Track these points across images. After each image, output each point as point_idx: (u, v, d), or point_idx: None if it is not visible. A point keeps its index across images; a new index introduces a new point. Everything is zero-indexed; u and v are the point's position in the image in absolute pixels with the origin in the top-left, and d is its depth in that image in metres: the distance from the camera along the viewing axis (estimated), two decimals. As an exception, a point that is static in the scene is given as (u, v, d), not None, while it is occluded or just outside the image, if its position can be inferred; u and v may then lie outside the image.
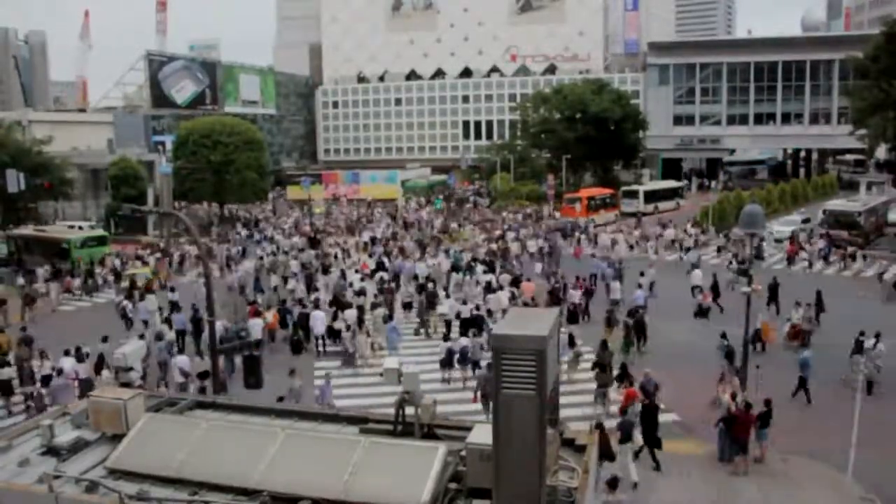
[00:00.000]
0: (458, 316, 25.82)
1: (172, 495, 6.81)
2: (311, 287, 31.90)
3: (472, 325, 24.73)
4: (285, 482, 6.73)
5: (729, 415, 15.80)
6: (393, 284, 31.92)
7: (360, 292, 29.17)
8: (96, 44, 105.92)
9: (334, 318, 25.92)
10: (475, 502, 6.44)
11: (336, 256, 40.27)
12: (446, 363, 22.15)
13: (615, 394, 19.55)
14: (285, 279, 33.94)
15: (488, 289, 29.70)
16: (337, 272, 34.16)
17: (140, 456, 7.33)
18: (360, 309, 26.70)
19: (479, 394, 19.42)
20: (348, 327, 24.65)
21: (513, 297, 28.30)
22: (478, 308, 26.46)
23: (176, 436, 7.57)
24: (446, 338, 23.63)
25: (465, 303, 26.84)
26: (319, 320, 25.22)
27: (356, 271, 35.02)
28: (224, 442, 7.46)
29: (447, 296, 29.66)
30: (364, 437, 7.49)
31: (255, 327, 24.63)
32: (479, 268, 33.93)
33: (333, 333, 25.37)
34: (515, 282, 30.78)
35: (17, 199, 46.33)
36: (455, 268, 34.14)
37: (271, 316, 26.59)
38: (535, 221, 55.10)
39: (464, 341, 22.77)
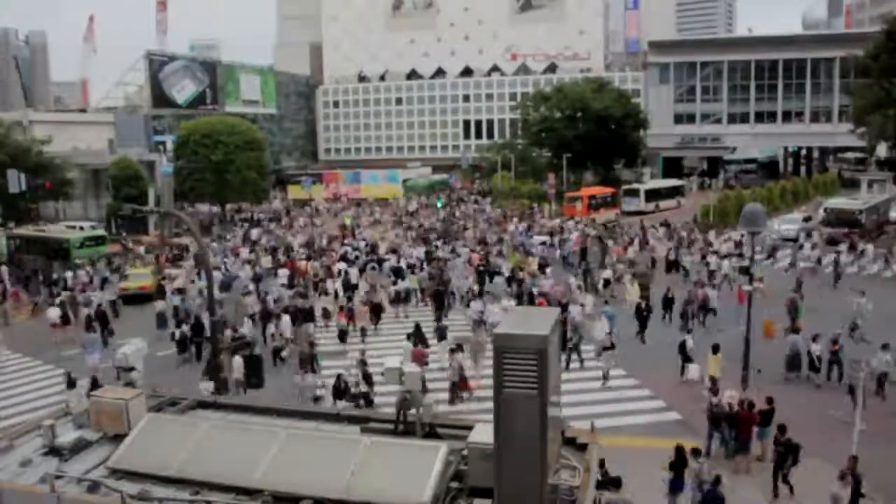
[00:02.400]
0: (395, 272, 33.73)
1: (174, 495, 6.80)
2: None
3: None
4: (287, 482, 6.72)
5: (732, 413, 15.81)
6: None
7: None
8: (97, 44, 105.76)
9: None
10: (477, 501, 6.44)
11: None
12: (395, 301, 30.00)
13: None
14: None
15: None
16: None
17: (142, 456, 7.33)
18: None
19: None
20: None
21: None
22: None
23: (177, 436, 7.57)
24: (395, 283, 31.62)
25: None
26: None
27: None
28: (225, 442, 7.46)
29: None
30: (365, 436, 7.50)
31: (283, 276, 33.96)
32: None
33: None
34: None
35: (18, 200, 46.40)
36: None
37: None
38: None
39: (404, 284, 31.14)
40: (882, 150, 66.64)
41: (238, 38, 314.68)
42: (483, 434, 6.54)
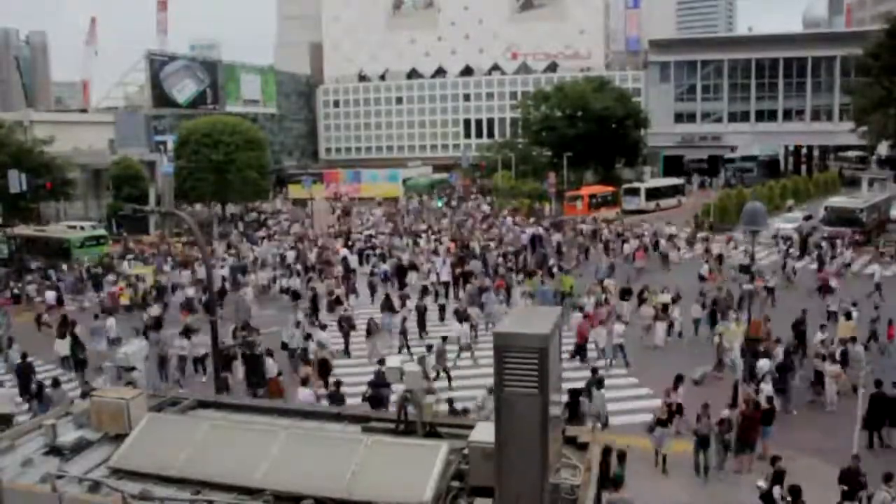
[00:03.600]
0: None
1: (175, 495, 6.80)
2: None
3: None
4: (288, 481, 6.73)
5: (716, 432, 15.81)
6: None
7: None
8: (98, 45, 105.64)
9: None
10: (477, 500, 6.44)
11: None
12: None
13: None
14: None
15: None
16: None
17: (143, 455, 7.33)
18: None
19: None
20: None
21: None
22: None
23: (178, 435, 7.57)
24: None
25: None
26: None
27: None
28: (227, 441, 7.46)
29: None
30: (366, 435, 7.49)
31: (289, 255, 38.62)
32: None
33: None
34: None
35: (19, 200, 46.44)
36: None
37: None
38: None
39: (384, 267, 34.87)
40: (883, 149, 66.68)
41: (238, 39, 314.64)
42: (484, 433, 6.53)
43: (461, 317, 24.50)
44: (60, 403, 13.21)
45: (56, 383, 18.84)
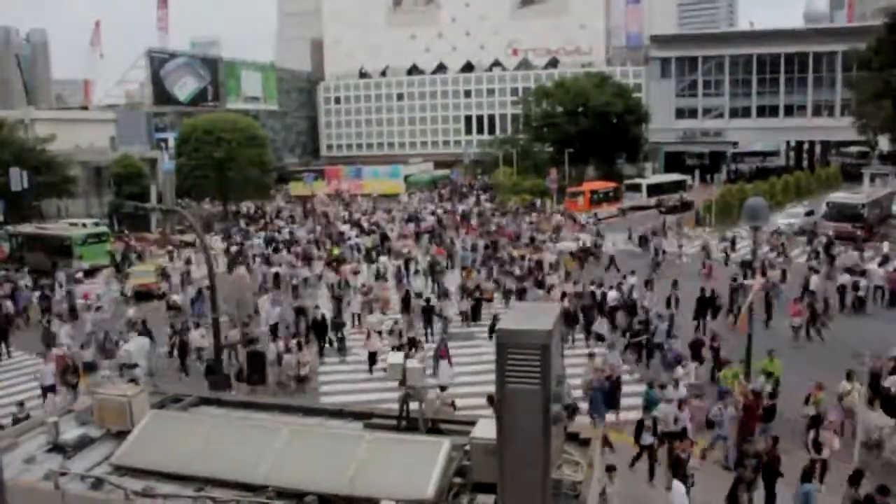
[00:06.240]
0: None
1: (178, 491, 6.82)
2: None
3: None
4: (290, 478, 6.74)
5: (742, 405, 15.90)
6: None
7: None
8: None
9: None
10: (480, 496, 6.45)
11: None
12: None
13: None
14: None
15: None
16: None
17: (145, 452, 7.34)
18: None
19: None
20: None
21: None
22: None
23: (181, 432, 7.58)
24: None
25: None
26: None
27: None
28: (229, 438, 7.48)
29: None
30: (368, 432, 7.51)
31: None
32: None
33: None
34: None
35: (21, 197, 46.45)
36: None
37: None
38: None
39: (357, 240, 40.07)
40: (884, 144, 66.49)
41: (239, 35, 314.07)
42: (486, 429, 6.54)
43: None
44: None
45: None
